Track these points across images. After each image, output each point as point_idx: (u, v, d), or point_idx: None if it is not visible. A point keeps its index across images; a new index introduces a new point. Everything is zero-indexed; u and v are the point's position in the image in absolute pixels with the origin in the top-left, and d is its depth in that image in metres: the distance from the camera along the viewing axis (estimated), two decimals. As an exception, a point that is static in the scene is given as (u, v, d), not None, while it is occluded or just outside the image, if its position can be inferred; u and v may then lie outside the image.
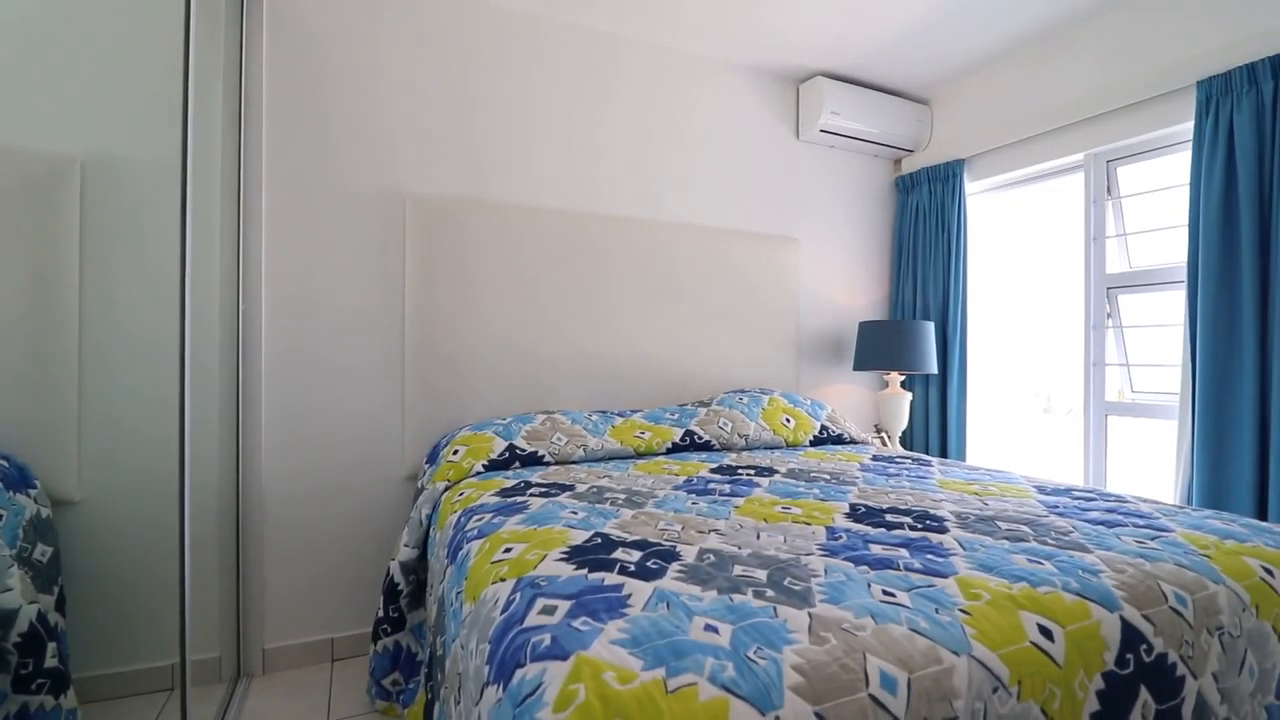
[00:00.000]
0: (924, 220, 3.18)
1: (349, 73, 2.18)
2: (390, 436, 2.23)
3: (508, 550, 1.14)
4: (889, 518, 1.37)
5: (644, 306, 2.65)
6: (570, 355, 2.49)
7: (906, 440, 3.23)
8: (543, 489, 1.59)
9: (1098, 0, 2.41)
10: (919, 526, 1.30)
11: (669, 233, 2.71)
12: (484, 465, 1.86)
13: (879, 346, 2.87)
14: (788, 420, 2.48)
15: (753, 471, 1.86)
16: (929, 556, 1.11)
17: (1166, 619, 0.99)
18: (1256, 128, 2.01)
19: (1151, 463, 2.53)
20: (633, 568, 1.02)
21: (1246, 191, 2.03)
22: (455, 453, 1.90)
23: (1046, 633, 0.89)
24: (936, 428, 3.10)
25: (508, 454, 1.92)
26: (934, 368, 2.88)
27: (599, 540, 1.16)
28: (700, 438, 2.26)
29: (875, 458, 2.16)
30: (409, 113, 2.26)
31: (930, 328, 2.88)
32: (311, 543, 2.13)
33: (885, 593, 0.95)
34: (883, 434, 3.08)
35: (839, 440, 2.54)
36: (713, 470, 1.87)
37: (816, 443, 2.48)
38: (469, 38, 2.37)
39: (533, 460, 1.94)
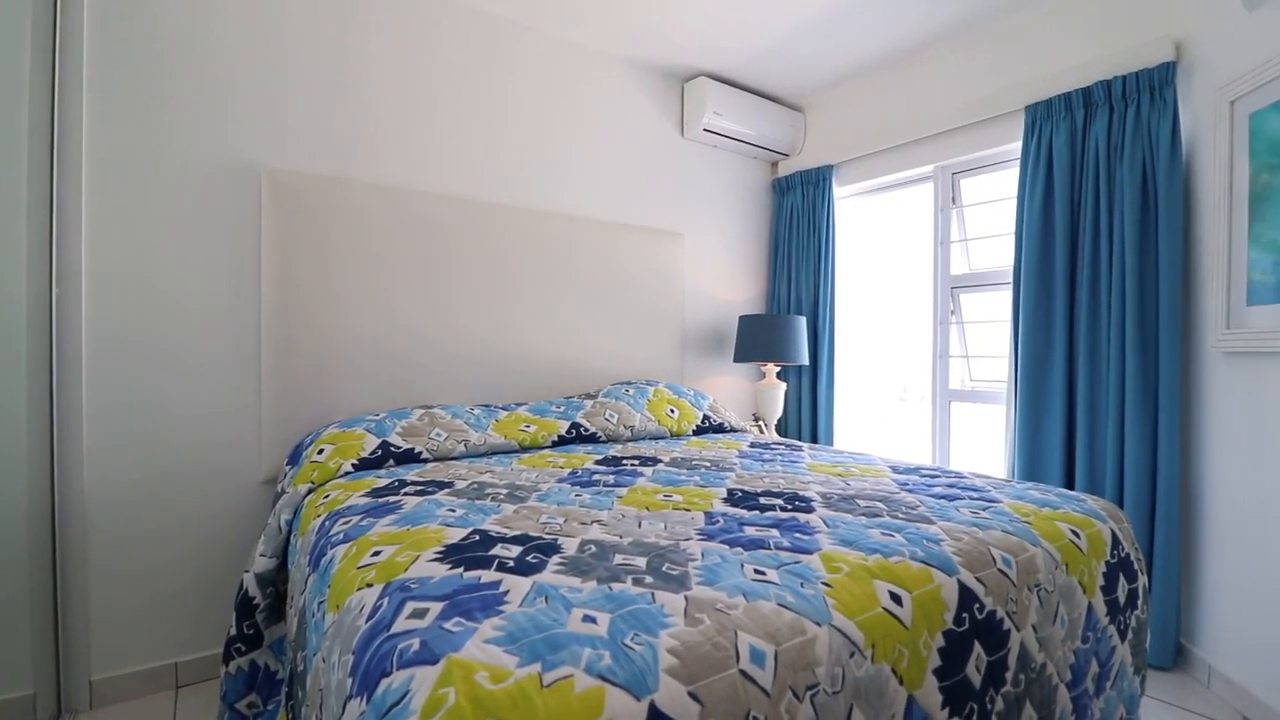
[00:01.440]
0: (798, 221, 3.37)
1: (189, 35, 1.93)
2: (244, 436, 2.02)
3: (376, 554, 1.07)
4: (763, 500, 1.43)
5: (531, 298, 2.59)
6: (453, 348, 2.39)
7: (782, 427, 3.42)
8: (419, 487, 1.51)
9: (946, 27, 2.66)
10: (789, 507, 1.38)
11: (557, 224, 2.68)
12: (353, 465, 1.73)
13: (757, 339, 3.01)
14: (672, 411, 2.54)
15: (637, 462, 1.88)
16: (797, 535, 1.18)
17: (995, 580, 1.11)
18: (1070, 149, 2.32)
19: (987, 442, 2.85)
20: (511, 563, 1.00)
21: (1061, 205, 2.33)
22: (320, 452, 1.76)
23: (896, 599, 0.98)
24: (808, 415, 3.31)
25: (381, 452, 1.80)
26: (806, 359, 3.07)
27: (477, 537, 1.12)
28: (586, 430, 2.26)
29: (753, 445, 2.27)
30: (268, 83, 2.05)
31: (802, 322, 3.07)
32: (149, 557, 1.89)
33: (757, 571, 1.00)
34: (760, 422, 3.24)
35: (720, 429, 2.63)
36: (598, 462, 1.88)
37: (699, 432, 2.56)
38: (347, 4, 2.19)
39: (409, 458, 1.84)
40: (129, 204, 1.85)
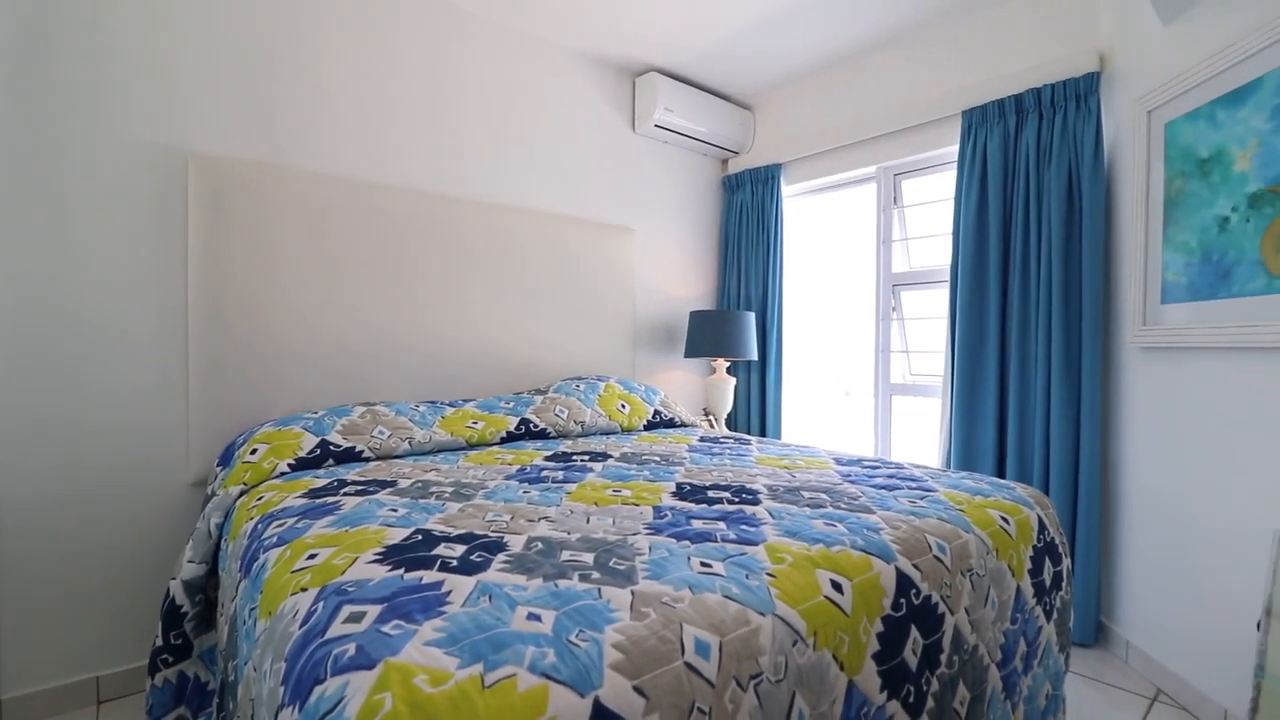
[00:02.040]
0: (747, 218, 3.42)
1: (102, 11, 1.81)
2: (170, 435, 1.92)
3: (312, 557, 1.03)
4: (710, 494, 1.45)
5: (481, 292, 2.54)
6: (398, 344, 2.32)
7: (731, 422, 3.47)
8: (360, 487, 1.46)
9: (889, 32, 2.74)
10: (736, 500, 1.39)
11: (507, 216, 2.63)
12: (290, 465, 1.66)
13: (708, 335, 3.04)
14: (623, 406, 2.54)
15: (587, 457, 1.87)
16: (743, 527, 1.20)
17: (931, 566, 1.15)
18: (1003, 154, 2.42)
19: (927, 434, 2.96)
20: (455, 563, 0.98)
21: (994, 206, 2.43)
22: (254, 452, 1.68)
23: (838, 587, 1.00)
24: (757, 410, 3.36)
25: (319, 451, 1.74)
26: (755, 355, 3.12)
27: (420, 537, 1.09)
28: (536, 426, 2.23)
29: (702, 439, 2.29)
30: (196, 63, 1.94)
31: (751, 318, 3.11)
32: (63, 566, 1.77)
33: (703, 564, 1.00)
34: (710, 417, 3.27)
35: (671, 424, 2.65)
36: (547, 458, 1.86)
37: (650, 427, 2.56)
38: (269, -18, 2.09)
39: (350, 457, 1.78)
40: (29, 184, 1.71)
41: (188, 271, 1.92)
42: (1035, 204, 2.33)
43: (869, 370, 3.06)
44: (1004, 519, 1.39)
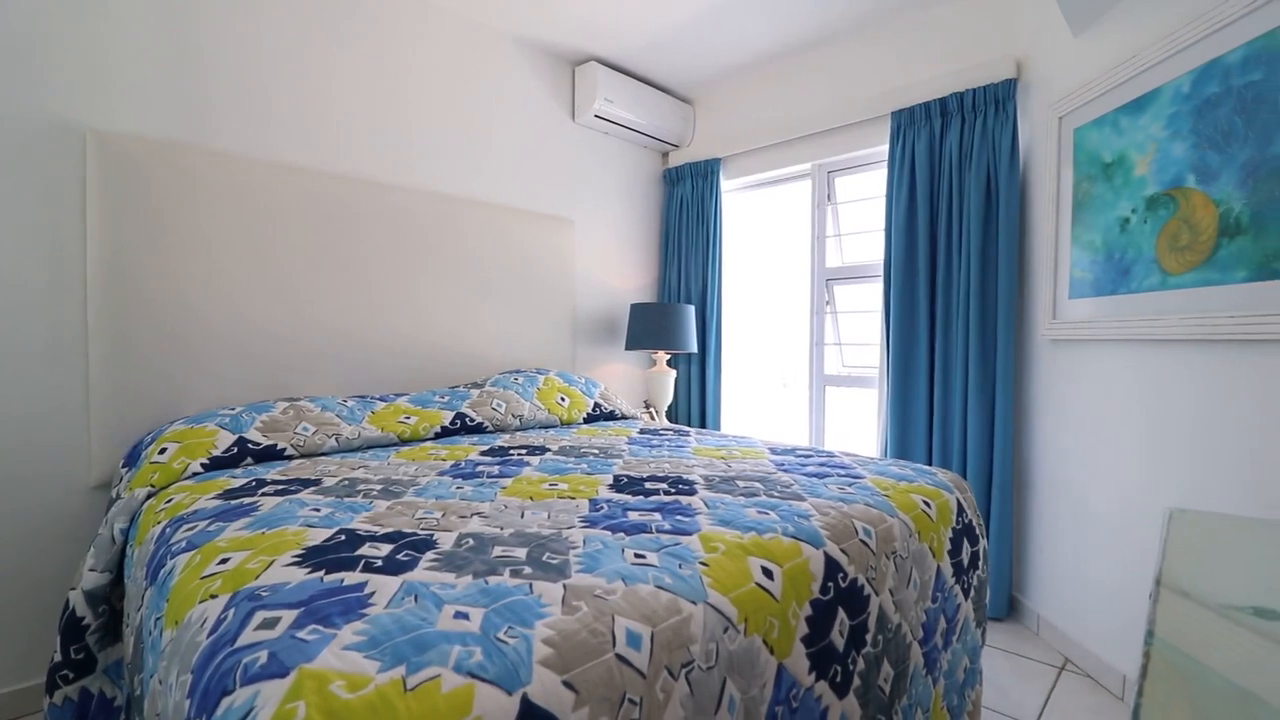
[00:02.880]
0: (687, 211, 3.44)
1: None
2: (67, 434, 1.77)
3: (224, 561, 0.97)
4: (648, 485, 1.45)
5: (413, 284, 2.46)
6: (324, 336, 2.22)
7: (673, 414, 3.50)
8: (280, 486, 1.39)
9: (824, 32, 2.80)
10: (673, 491, 1.40)
11: (444, 205, 2.55)
12: (203, 464, 1.57)
13: (648, 327, 3.04)
14: (562, 399, 2.51)
15: (525, 451, 1.84)
16: (678, 517, 1.20)
17: (857, 550, 1.19)
18: (929, 154, 2.52)
19: (859, 423, 3.06)
20: (380, 563, 0.94)
21: (922, 205, 2.54)
22: (163, 451, 1.57)
23: (768, 573, 1.02)
24: (697, 401, 3.40)
25: (237, 449, 1.64)
26: (694, 347, 3.15)
27: (343, 537, 1.05)
28: (473, 420, 2.18)
29: (642, 431, 2.29)
30: (95, 34, 1.78)
31: (691, 311, 3.14)
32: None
33: (637, 555, 1.00)
34: (651, 409, 3.29)
35: (611, 417, 2.64)
36: (483, 453, 1.82)
37: (590, 420, 2.55)
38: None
39: (271, 455, 1.69)
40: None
41: (86, 260, 1.77)
42: (958, 204, 2.45)
43: (804, 362, 3.14)
44: (926, 503, 1.45)
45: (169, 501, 1.35)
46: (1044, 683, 1.91)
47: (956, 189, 2.44)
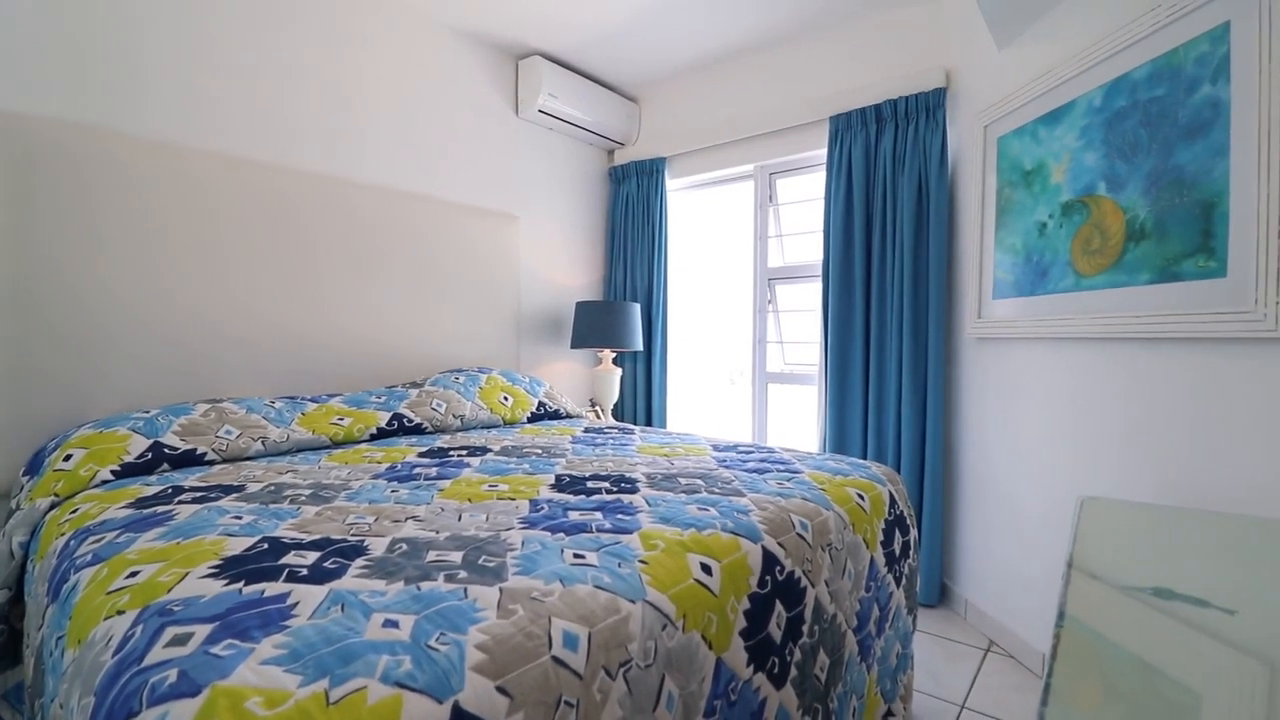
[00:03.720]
0: (633, 210, 3.44)
1: None
2: (-42, 444, 1.62)
3: (133, 574, 0.91)
4: (590, 484, 1.44)
5: (347, 279, 2.36)
6: (250, 334, 2.11)
7: (618, 412, 3.50)
8: (199, 494, 1.31)
9: (766, 35, 2.85)
10: (615, 489, 1.40)
11: (387, 199, 2.47)
12: (114, 471, 1.46)
13: (594, 325, 3.03)
14: (505, 398, 2.47)
15: (465, 452, 1.80)
16: (619, 516, 1.20)
17: (794, 543, 1.22)
18: (865, 159, 2.60)
19: (800, 419, 3.14)
20: (305, 572, 0.90)
21: (859, 208, 2.61)
22: (68, 458, 1.46)
23: (707, 569, 1.03)
24: (643, 399, 3.41)
25: (151, 455, 1.54)
26: (640, 345, 3.15)
27: (266, 546, 1.00)
28: (411, 421, 2.12)
29: (587, 430, 2.28)
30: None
31: (637, 309, 3.14)
32: None
33: (576, 555, 1.00)
34: (597, 408, 3.28)
35: (556, 415, 2.62)
36: (421, 454, 1.77)
37: (534, 419, 2.52)
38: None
39: (190, 461, 1.60)
40: None
41: (-23, 249, 1.62)
42: (891, 207, 2.53)
43: (749, 360, 3.19)
44: (860, 495, 1.50)
45: (74, 512, 1.26)
46: (971, 665, 2.01)
47: (891, 193, 2.53)
